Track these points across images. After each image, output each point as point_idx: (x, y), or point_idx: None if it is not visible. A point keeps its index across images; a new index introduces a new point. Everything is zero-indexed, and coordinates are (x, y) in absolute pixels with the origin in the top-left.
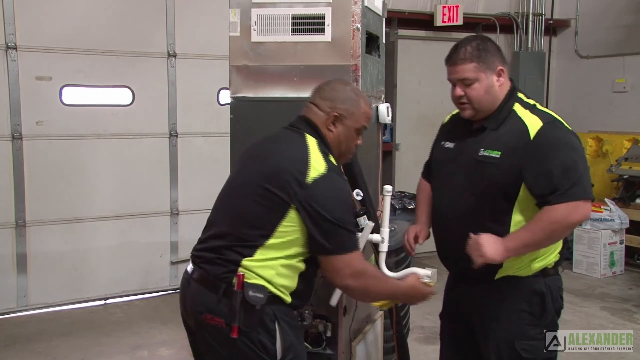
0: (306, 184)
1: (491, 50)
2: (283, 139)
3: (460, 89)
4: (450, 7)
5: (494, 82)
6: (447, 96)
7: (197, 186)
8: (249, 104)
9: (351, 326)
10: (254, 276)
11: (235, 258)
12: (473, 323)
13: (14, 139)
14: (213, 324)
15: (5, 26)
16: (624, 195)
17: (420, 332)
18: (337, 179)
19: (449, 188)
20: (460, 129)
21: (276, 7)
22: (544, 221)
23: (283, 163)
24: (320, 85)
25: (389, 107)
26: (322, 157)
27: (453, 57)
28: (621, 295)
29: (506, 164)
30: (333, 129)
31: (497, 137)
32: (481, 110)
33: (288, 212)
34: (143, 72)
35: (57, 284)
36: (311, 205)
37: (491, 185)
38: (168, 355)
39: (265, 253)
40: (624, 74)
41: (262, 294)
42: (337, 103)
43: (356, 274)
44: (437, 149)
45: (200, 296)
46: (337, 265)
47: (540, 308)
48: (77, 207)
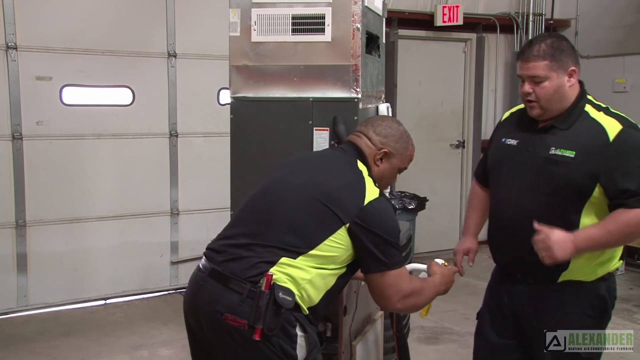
0: (363, 206)
1: (566, 50)
2: (338, 160)
3: (529, 86)
4: (451, 7)
5: (565, 83)
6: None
7: (197, 186)
8: (249, 104)
9: (351, 326)
10: (283, 279)
11: (272, 258)
12: (526, 324)
13: (14, 139)
14: (235, 325)
15: (5, 26)
16: None
17: (421, 332)
18: (385, 203)
19: (514, 186)
20: (524, 127)
21: (276, 7)
22: (620, 222)
23: (341, 185)
24: (375, 120)
25: (389, 107)
26: (373, 183)
27: (526, 53)
28: (621, 295)
29: (581, 164)
30: (380, 164)
31: (570, 136)
32: (548, 109)
33: (339, 230)
34: (143, 72)
35: (57, 284)
36: (364, 224)
37: (564, 185)
38: (168, 355)
39: (307, 259)
40: (624, 74)
41: (290, 297)
42: (390, 141)
43: (404, 296)
44: (497, 146)
45: (219, 296)
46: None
47: (602, 311)
48: (77, 207)
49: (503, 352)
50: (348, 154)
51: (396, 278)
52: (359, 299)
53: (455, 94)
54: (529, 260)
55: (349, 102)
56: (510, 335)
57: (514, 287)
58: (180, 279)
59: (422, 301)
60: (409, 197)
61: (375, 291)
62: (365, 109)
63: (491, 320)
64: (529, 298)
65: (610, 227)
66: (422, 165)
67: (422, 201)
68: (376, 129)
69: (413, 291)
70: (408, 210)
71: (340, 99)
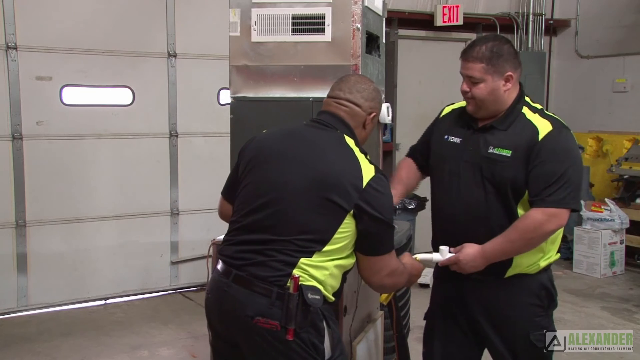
0: (362, 190)
1: (505, 55)
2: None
3: (466, 84)
4: (451, 7)
5: (500, 86)
6: (447, 96)
7: (197, 186)
8: (249, 104)
9: (352, 326)
10: (307, 278)
11: (291, 260)
12: (479, 319)
13: (14, 139)
14: (267, 327)
15: (6, 26)
16: (624, 195)
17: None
18: (383, 180)
19: (458, 183)
20: (466, 125)
21: (276, 7)
22: (520, 230)
23: (340, 172)
24: (358, 85)
25: (389, 107)
26: (365, 159)
27: (467, 53)
28: (621, 295)
29: (515, 163)
30: (367, 127)
31: (507, 137)
32: (483, 108)
33: (345, 218)
34: (143, 72)
35: (57, 284)
36: (368, 208)
37: (502, 182)
38: (168, 355)
39: (322, 256)
40: (624, 74)
41: (318, 295)
42: (376, 103)
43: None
44: (439, 142)
45: (248, 301)
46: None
47: (548, 300)
48: (77, 207)
49: (457, 349)
50: (333, 132)
51: (389, 259)
52: (359, 299)
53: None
54: None
55: None
56: (461, 333)
57: (462, 284)
58: (180, 279)
59: (402, 280)
60: (409, 197)
61: (365, 268)
62: None
63: (441, 319)
64: (477, 292)
65: (512, 237)
66: None
67: (422, 201)
68: (364, 95)
69: (398, 268)
70: (408, 210)
71: None
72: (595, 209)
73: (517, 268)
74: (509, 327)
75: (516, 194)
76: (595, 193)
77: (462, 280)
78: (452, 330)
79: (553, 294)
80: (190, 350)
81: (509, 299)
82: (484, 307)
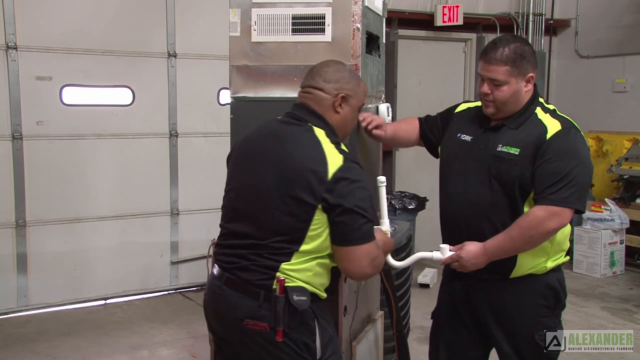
0: (327, 181)
1: (527, 56)
2: (292, 137)
3: (488, 87)
4: (451, 7)
5: (522, 88)
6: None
7: (197, 186)
8: (249, 104)
9: (351, 326)
10: (293, 279)
11: (272, 264)
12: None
13: (14, 139)
14: (257, 329)
15: (6, 26)
16: (624, 195)
17: (421, 332)
18: (353, 167)
19: (465, 180)
20: (478, 124)
21: (276, 7)
22: (521, 227)
23: (301, 165)
24: (320, 69)
25: (389, 107)
26: (335, 149)
27: (489, 55)
28: (621, 295)
29: (523, 161)
30: (340, 110)
31: (517, 135)
32: (503, 111)
33: (315, 214)
34: (143, 72)
35: (57, 284)
36: (336, 200)
37: (509, 181)
38: (168, 355)
39: (301, 256)
40: (624, 73)
41: (305, 296)
42: (343, 84)
43: (373, 260)
44: (452, 140)
45: (238, 303)
46: (358, 255)
47: (555, 300)
48: (77, 207)
49: (462, 348)
50: (301, 125)
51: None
52: (359, 299)
53: (455, 94)
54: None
55: None
56: (467, 332)
57: (469, 282)
58: (180, 279)
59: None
60: (409, 197)
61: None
62: (365, 109)
63: (448, 318)
64: (484, 292)
65: (513, 234)
66: (422, 165)
67: (422, 201)
68: (325, 77)
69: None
70: (408, 210)
71: None
72: (595, 209)
73: (521, 269)
74: (514, 327)
75: (523, 192)
76: (595, 193)
77: (470, 280)
78: (459, 329)
79: (561, 295)
80: (190, 350)
81: (514, 298)
82: (490, 306)
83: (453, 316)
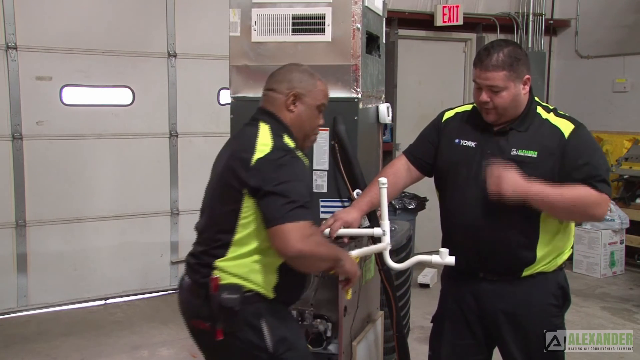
0: (251, 167)
1: (522, 59)
2: (238, 135)
3: (486, 94)
4: (451, 7)
5: (520, 91)
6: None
7: (197, 186)
8: (249, 104)
9: (352, 326)
10: (228, 276)
11: (209, 261)
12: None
13: (14, 139)
14: (202, 328)
15: (6, 26)
16: (624, 195)
17: (421, 332)
18: (280, 154)
19: (475, 187)
20: (479, 129)
21: (276, 7)
22: (577, 193)
23: (233, 155)
24: (274, 72)
25: (389, 107)
26: (270, 138)
27: (484, 62)
28: (621, 295)
29: (544, 163)
30: (294, 108)
31: (529, 137)
32: (505, 116)
33: (242, 200)
34: (143, 72)
35: (57, 284)
36: (257, 183)
37: None
38: (168, 355)
39: (236, 250)
40: (624, 73)
41: (236, 294)
42: (294, 83)
43: (305, 237)
44: (450, 146)
45: (188, 302)
46: (282, 232)
47: (563, 299)
48: (77, 207)
49: (466, 353)
50: (252, 123)
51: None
52: (359, 299)
53: (455, 94)
54: (492, 259)
55: (349, 102)
56: (471, 336)
57: (478, 286)
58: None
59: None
60: (409, 197)
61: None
62: (365, 109)
63: (451, 322)
64: (495, 295)
65: (565, 194)
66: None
67: (422, 201)
68: (277, 78)
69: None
70: (408, 210)
71: (340, 99)
72: None
73: (535, 266)
74: (524, 327)
75: None
76: None
77: (479, 283)
78: (463, 334)
79: (568, 293)
80: (190, 350)
81: (526, 298)
82: (502, 309)
83: (458, 321)
